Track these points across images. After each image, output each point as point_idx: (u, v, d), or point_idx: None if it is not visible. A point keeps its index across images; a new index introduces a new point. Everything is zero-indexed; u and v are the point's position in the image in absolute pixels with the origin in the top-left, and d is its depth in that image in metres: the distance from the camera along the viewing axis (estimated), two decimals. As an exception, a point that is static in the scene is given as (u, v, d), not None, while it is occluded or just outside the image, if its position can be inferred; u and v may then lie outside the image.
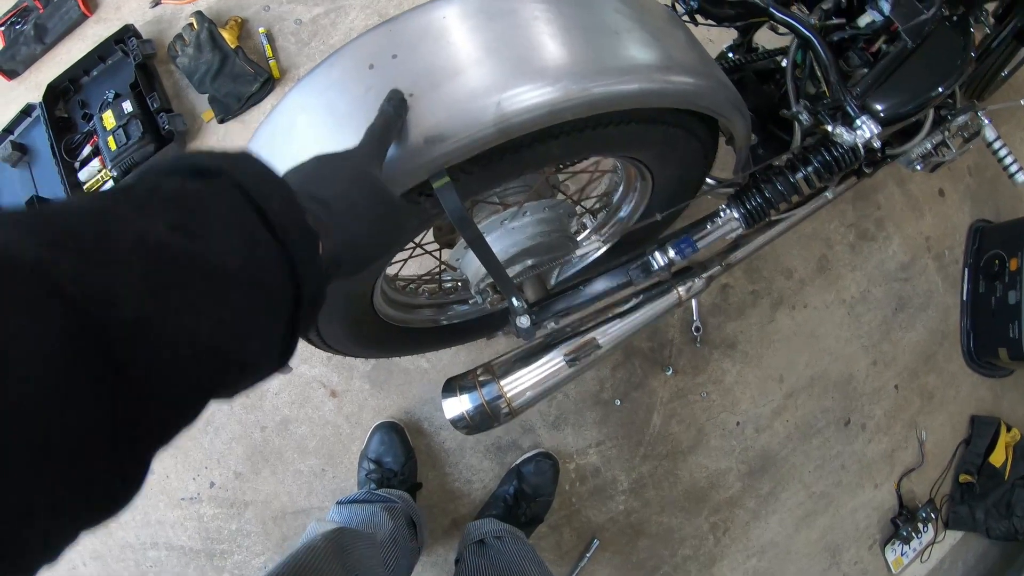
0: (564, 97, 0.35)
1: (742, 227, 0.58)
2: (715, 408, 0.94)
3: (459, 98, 0.35)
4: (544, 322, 0.55)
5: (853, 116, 0.53)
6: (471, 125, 0.35)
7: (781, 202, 0.57)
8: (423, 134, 0.35)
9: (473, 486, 0.88)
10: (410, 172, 0.36)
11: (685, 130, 0.47)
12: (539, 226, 0.54)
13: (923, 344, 1.06)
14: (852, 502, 1.02)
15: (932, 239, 1.09)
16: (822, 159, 0.56)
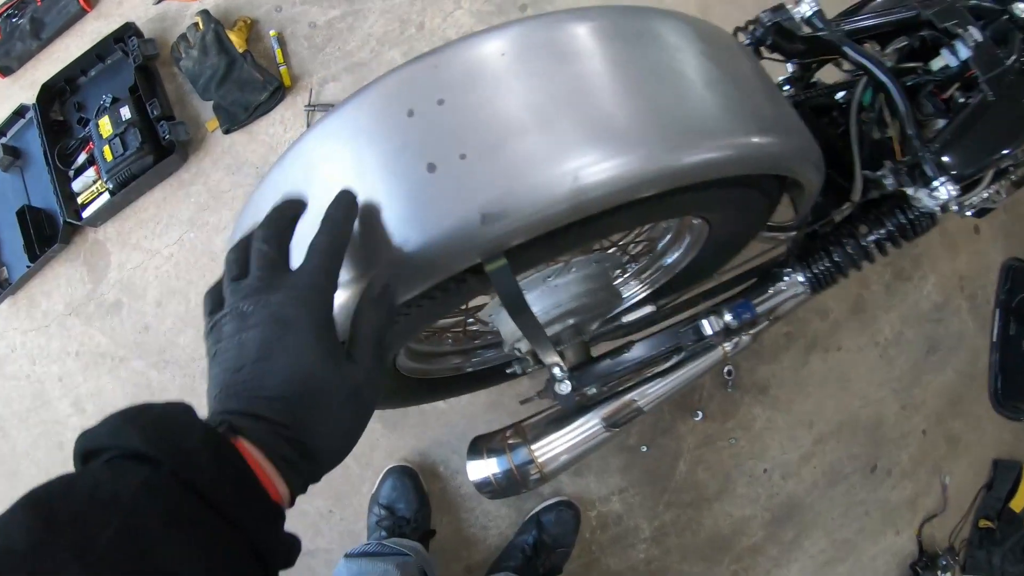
0: (653, 168, 0.30)
1: (807, 293, 0.53)
2: (743, 455, 0.90)
3: (526, 165, 0.29)
4: (585, 388, 0.51)
5: (931, 176, 0.49)
6: (540, 201, 0.28)
7: (851, 267, 0.52)
8: (479, 208, 0.28)
9: (489, 532, 0.84)
10: (459, 255, 0.29)
11: (761, 191, 0.42)
12: (584, 283, 0.50)
13: (952, 387, 1.03)
14: (873, 549, 1.00)
15: (966, 279, 1.05)
16: (896, 223, 0.51)
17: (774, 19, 0.51)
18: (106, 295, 0.94)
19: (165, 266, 0.93)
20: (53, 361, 0.95)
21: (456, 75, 0.30)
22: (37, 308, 0.97)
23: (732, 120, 0.33)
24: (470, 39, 0.31)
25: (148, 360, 0.91)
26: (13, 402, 0.97)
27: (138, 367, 0.91)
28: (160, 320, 0.91)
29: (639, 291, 0.68)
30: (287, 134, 0.94)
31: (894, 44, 0.55)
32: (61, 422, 0.94)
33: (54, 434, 0.95)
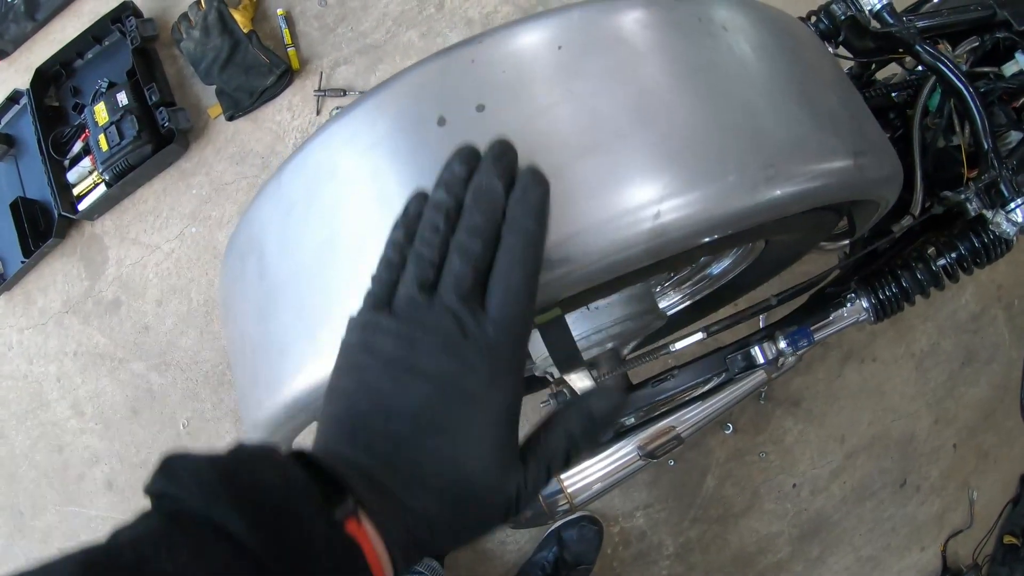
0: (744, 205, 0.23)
1: (871, 320, 0.48)
2: (773, 469, 0.87)
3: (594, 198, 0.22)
4: (623, 418, 0.47)
5: (1008, 198, 0.44)
6: (611, 244, 0.22)
7: (918, 294, 0.47)
8: None
9: (507, 548, 0.81)
10: None
11: (838, 212, 0.37)
12: (628, 306, 0.44)
13: (985, 401, 1.00)
14: (898, 565, 0.97)
15: (1004, 288, 1.01)
16: (970, 246, 0.46)
17: (848, 11, 0.45)
18: (104, 293, 0.89)
19: (166, 263, 0.88)
20: (51, 361, 0.91)
21: (500, 73, 0.23)
22: (34, 305, 0.92)
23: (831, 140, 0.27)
24: (516, 26, 0.24)
25: (149, 362, 0.86)
26: (11, 403, 0.93)
27: (138, 369, 0.87)
28: (160, 320, 0.87)
29: (679, 301, 0.64)
30: (295, 121, 0.88)
31: (964, 44, 0.49)
32: (60, 424, 0.90)
33: (53, 436, 0.91)
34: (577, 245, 0.22)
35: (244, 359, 0.31)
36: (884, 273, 0.48)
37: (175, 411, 0.85)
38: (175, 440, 0.85)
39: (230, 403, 0.84)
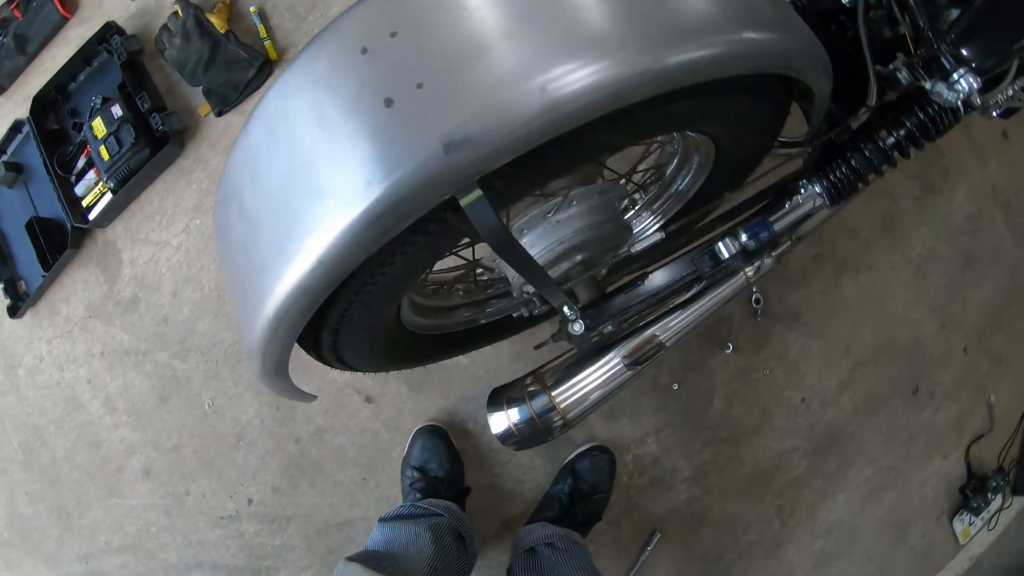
0: (631, 73, 0.27)
1: (826, 205, 0.50)
2: (779, 385, 0.88)
3: (487, 85, 0.26)
4: (600, 327, 0.48)
5: (949, 69, 0.45)
6: (507, 121, 0.26)
7: (871, 173, 0.48)
8: (441, 138, 0.26)
9: (525, 486, 0.84)
10: (430, 190, 0.27)
11: (762, 97, 0.38)
12: (589, 216, 0.47)
13: (991, 302, 0.99)
14: (920, 474, 0.97)
15: (998, 187, 1.00)
16: (917, 121, 0.47)
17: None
18: (122, 293, 0.94)
19: (176, 256, 0.93)
20: (80, 364, 0.97)
21: (407, 5, 0.28)
22: (58, 315, 0.98)
23: (721, 15, 0.30)
24: None
25: (170, 351, 0.91)
26: (47, 411, 0.99)
27: (161, 359, 0.91)
28: (177, 310, 0.91)
29: (652, 223, 0.66)
30: (279, 111, 0.92)
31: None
32: (95, 423, 0.96)
33: (89, 436, 0.96)
34: (476, 127, 0.26)
35: (237, 293, 0.35)
36: (835, 157, 0.49)
37: (200, 392, 0.90)
38: (202, 421, 0.90)
39: (249, 377, 0.88)
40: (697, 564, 0.88)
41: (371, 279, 0.34)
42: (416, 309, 0.54)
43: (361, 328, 0.41)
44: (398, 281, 0.37)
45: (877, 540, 0.96)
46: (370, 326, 0.42)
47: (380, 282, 0.35)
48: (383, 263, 0.33)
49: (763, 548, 0.90)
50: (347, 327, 0.39)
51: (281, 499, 0.86)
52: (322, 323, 0.38)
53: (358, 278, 0.34)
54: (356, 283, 0.34)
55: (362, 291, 0.35)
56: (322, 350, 0.42)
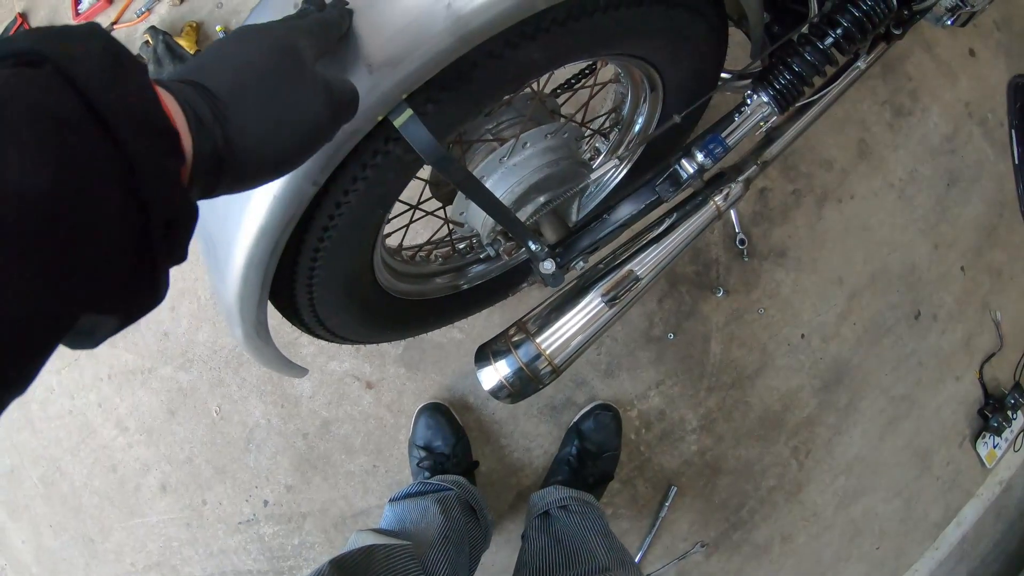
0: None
1: (775, 111, 0.50)
2: (775, 324, 0.87)
3: (401, 10, 0.28)
4: (571, 263, 0.49)
5: None
6: (420, 39, 0.28)
7: (814, 75, 0.49)
8: (366, 62, 0.28)
9: (533, 454, 0.83)
10: (363, 112, 0.28)
11: (687, 9, 0.39)
12: (544, 156, 0.48)
13: (983, 218, 0.98)
14: (935, 400, 0.95)
15: (972, 104, 0.99)
16: (851, 17, 0.48)
17: None
18: (121, 316, 0.96)
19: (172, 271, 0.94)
20: (89, 390, 0.98)
21: None
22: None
23: None
24: None
25: (174, 364, 0.93)
26: (62, 440, 1.00)
27: (166, 373, 0.93)
28: (176, 323, 0.93)
29: (620, 168, 0.66)
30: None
31: None
32: (108, 446, 0.97)
33: (105, 459, 0.98)
34: (394, 47, 0.28)
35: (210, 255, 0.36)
36: (776, 65, 0.50)
37: (206, 401, 0.91)
38: (211, 428, 0.91)
39: (252, 379, 0.89)
40: (718, 514, 0.86)
41: (330, 220, 0.35)
42: (394, 273, 0.55)
43: (335, 285, 0.42)
44: (359, 224, 0.38)
45: (901, 472, 0.94)
46: (344, 283, 0.43)
47: (340, 224, 0.36)
48: (338, 203, 0.34)
49: (784, 492, 0.89)
50: (320, 283, 0.40)
51: (296, 496, 0.87)
52: (294, 279, 0.39)
53: (318, 221, 0.35)
54: (316, 226, 0.35)
55: (324, 236, 0.36)
56: (301, 312, 0.43)
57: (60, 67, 0.15)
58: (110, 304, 0.16)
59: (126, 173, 0.15)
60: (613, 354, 0.84)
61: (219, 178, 0.20)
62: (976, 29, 1.01)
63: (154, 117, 0.17)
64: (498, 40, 0.31)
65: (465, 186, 0.37)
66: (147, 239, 0.16)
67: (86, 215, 0.14)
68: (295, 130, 0.22)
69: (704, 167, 0.48)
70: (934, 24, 0.69)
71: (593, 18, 0.34)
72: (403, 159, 0.33)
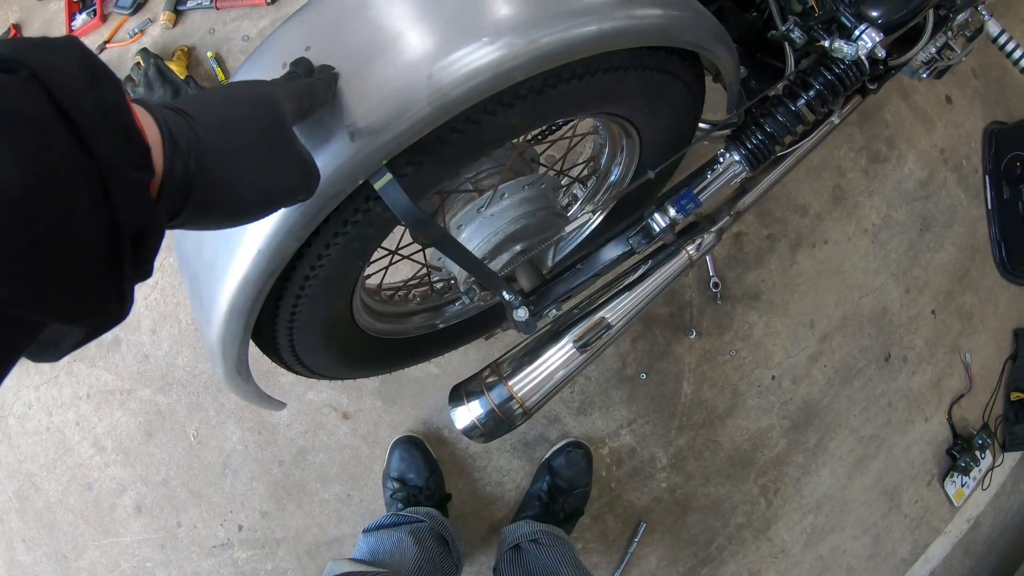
0: (508, 55, 0.30)
1: (746, 170, 0.52)
2: (747, 365, 0.89)
3: (384, 79, 0.30)
4: (544, 311, 0.50)
5: (850, 27, 0.47)
6: (400, 108, 0.30)
7: (785, 135, 0.51)
8: (349, 128, 0.30)
9: (505, 488, 0.84)
10: (345, 175, 0.30)
11: (664, 72, 0.41)
12: (520, 207, 0.49)
13: (954, 263, 1.00)
14: (904, 440, 0.97)
15: (947, 150, 1.02)
16: (824, 80, 0.50)
17: None
18: (104, 335, 0.97)
19: (152, 295, 0.95)
20: (68, 408, 0.99)
21: (320, 20, 0.33)
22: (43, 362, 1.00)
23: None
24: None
25: (153, 387, 0.93)
26: (39, 456, 1.00)
27: (145, 395, 0.93)
28: (157, 346, 0.94)
29: (594, 217, 0.68)
30: (241, 146, 0.95)
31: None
32: (85, 464, 0.97)
33: (81, 477, 0.98)
34: (376, 115, 0.30)
35: (195, 295, 0.37)
36: (749, 125, 0.51)
37: (184, 424, 0.91)
38: (188, 452, 0.91)
39: (230, 405, 0.90)
40: (687, 550, 0.88)
41: (311, 271, 0.36)
42: (372, 313, 0.56)
43: (315, 328, 0.43)
44: (339, 274, 0.39)
45: (869, 510, 0.96)
46: (323, 326, 0.44)
47: (321, 275, 0.37)
48: (320, 255, 0.36)
49: (752, 529, 0.90)
50: (300, 326, 0.41)
51: (270, 523, 0.87)
52: (275, 321, 0.40)
53: (299, 271, 0.36)
54: (298, 276, 0.36)
55: (306, 284, 0.37)
56: (281, 352, 0.44)
57: (35, 73, 0.15)
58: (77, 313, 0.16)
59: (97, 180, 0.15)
60: (586, 393, 0.85)
61: (184, 204, 0.20)
62: (954, 77, 1.04)
63: (126, 127, 0.17)
64: (477, 108, 0.32)
65: (442, 245, 0.38)
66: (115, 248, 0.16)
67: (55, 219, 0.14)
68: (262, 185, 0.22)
69: (676, 221, 0.50)
70: (910, 76, 0.72)
71: (570, 85, 0.35)
72: (382, 216, 0.35)
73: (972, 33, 0.71)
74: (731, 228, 0.65)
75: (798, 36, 0.49)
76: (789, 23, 0.49)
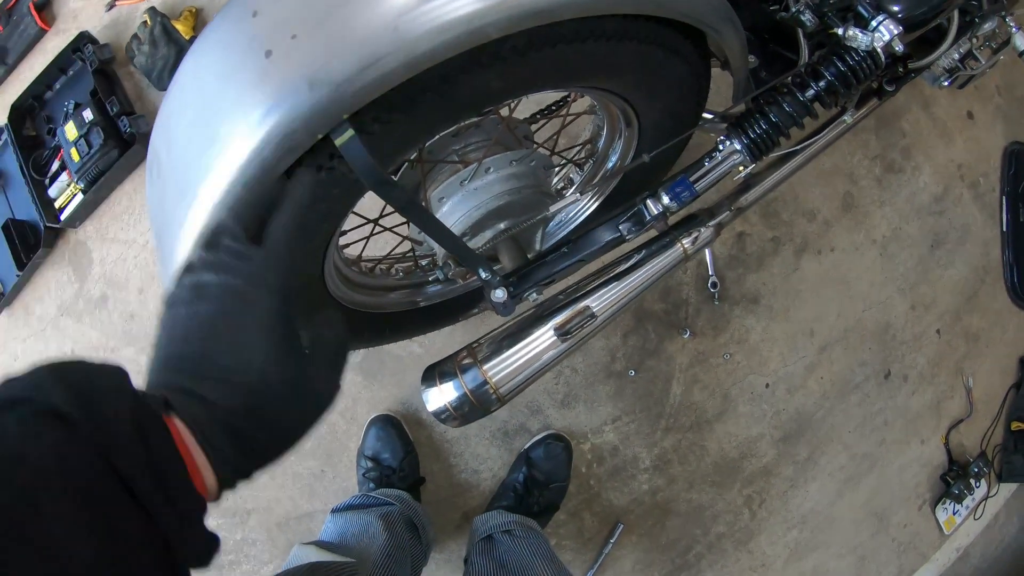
0: (481, 10, 0.28)
1: (747, 160, 0.49)
2: (741, 370, 0.86)
3: (348, 28, 0.28)
4: (524, 294, 0.48)
5: (868, 17, 0.45)
6: (362, 59, 0.28)
7: (791, 126, 0.48)
8: (306, 78, 0.28)
9: (481, 476, 0.82)
10: (301, 128, 0.28)
11: (663, 48, 0.38)
12: (506, 183, 0.47)
13: (964, 282, 0.97)
14: (898, 461, 0.94)
15: (965, 166, 0.98)
16: (835, 70, 0.47)
17: None
18: (92, 291, 0.96)
19: (143, 254, 0.94)
20: (51, 363, 0.98)
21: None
22: (32, 315, 1.00)
23: None
24: None
25: (137, 346, 0.92)
26: (22, 409, 1.00)
27: (129, 354, 0.92)
28: (144, 306, 0.93)
29: (589, 203, 0.65)
30: (242, 111, 0.94)
31: None
32: (65, 420, 0.97)
33: (61, 433, 0.97)
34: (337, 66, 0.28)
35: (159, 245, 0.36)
36: (752, 113, 0.49)
37: (162, 388, 0.90)
38: (165, 416, 0.90)
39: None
40: (664, 555, 0.85)
41: None
42: (349, 284, 0.54)
43: None
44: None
45: (856, 530, 0.93)
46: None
47: None
48: None
49: (733, 540, 0.88)
50: None
51: (242, 492, 0.86)
52: None
53: None
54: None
55: None
56: None
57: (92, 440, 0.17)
58: None
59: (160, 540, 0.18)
60: (572, 385, 0.83)
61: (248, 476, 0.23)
62: (977, 92, 1.00)
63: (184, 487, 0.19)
64: (450, 65, 0.30)
65: (408, 211, 0.36)
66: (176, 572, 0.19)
67: None
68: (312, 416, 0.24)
69: (669, 209, 0.48)
70: (931, 84, 0.69)
71: (556, 49, 0.33)
72: (347, 177, 0.33)
73: (998, 45, 0.68)
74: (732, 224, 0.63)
75: (808, 19, 0.46)
76: (800, 4, 0.46)
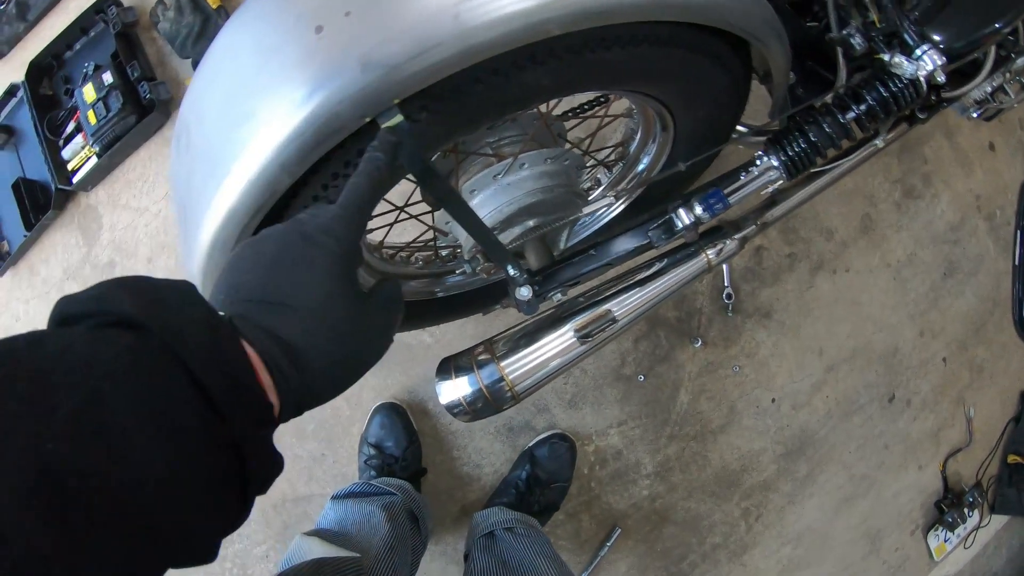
0: (545, 5, 0.27)
1: (783, 177, 0.49)
2: (748, 384, 0.86)
3: (406, 10, 0.27)
4: (549, 293, 0.47)
5: (912, 45, 0.45)
6: (419, 44, 0.27)
7: (829, 147, 0.48)
8: (359, 59, 0.27)
9: (483, 470, 0.82)
10: (349, 110, 0.27)
11: (710, 57, 0.38)
12: (539, 180, 0.46)
13: (973, 313, 0.97)
14: (895, 485, 0.95)
15: (983, 198, 0.99)
16: (878, 95, 0.46)
17: None
18: (100, 257, 0.95)
19: (154, 223, 0.93)
20: (53, 326, 0.97)
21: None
22: (37, 276, 0.99)
23: None
24: None
25: (141, 317, 0.91)
26: (19, 371, 0.99)
27: (132, 324, 0.91)
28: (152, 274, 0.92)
29: (616, 205, 0.65)
30: (265, 86, 0.93)
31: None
32: (63, 385, 0.95)
33: (57, 398, 0.96)
34: (391, 49, 0.27)
35: (181, 225, 0.35)
36: (791, 130, 0.49)
37: (165, 360, 0.89)
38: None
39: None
40: (659, 562, 0.86)
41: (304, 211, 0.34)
42: (368, 269, 0.53)
43: None
44: None
45: (849, 550, 0.94)
46: None
47: None
48: (316, 196, 0.33)
49: (728, 551, 0.88)
50: None
51: (239, 471, 0.85)
52: None
53: (291, 210, 0.34)
54: (290, 215, 0.34)
55: None
56: None
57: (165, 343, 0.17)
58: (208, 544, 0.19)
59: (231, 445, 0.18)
60: (580, 386, 0.83)
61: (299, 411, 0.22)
62: (1001, 124, 1.01)
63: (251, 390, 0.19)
64: (505, 59, 0.29)
65: (447, 202, 0.36)
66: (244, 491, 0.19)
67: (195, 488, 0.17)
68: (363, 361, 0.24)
69: (700, 220, 0.47)
70: (960, 114, 0.69)
71: (611, 52, 0.32)
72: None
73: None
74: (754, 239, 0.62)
75: (858, 43, 0.46)
76: (851, 27, 0.46)
